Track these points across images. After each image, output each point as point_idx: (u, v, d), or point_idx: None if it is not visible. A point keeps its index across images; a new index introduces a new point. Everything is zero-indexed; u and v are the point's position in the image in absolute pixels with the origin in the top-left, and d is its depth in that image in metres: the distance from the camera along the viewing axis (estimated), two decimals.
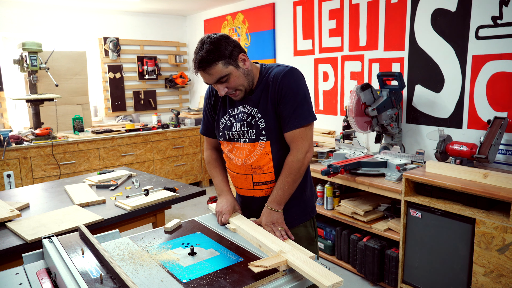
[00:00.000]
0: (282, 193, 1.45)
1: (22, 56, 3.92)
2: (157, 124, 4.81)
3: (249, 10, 4.48)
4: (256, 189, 1.54)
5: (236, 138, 1.52)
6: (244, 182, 1.56)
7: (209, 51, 1.34)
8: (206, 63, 1.34)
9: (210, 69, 1.35)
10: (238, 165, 1.54)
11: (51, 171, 3.90)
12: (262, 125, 1.46)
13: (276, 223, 1.43)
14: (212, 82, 1.40)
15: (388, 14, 3.07)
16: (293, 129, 1.42)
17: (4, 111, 4.29)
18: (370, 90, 2.86)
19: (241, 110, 1.50)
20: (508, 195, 1.95)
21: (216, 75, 1.37)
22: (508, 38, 2.41)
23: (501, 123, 2.36)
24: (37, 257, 1.30)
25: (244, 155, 1.51)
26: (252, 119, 1.47)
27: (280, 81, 1.43)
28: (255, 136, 1.47)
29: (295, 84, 1.43)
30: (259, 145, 1.48)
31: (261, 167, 1.50)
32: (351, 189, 3.14)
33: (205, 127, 1.68)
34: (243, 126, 1.49)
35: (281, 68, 1.46)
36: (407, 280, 2.46)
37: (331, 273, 1.10)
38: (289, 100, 1.42)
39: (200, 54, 1.35)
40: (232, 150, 1.55)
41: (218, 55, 1.35)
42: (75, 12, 4.66)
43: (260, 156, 1.49)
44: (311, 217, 1.59)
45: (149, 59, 5.23)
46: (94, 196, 2.14)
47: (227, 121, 1.54)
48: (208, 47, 1.34)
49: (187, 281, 1.09)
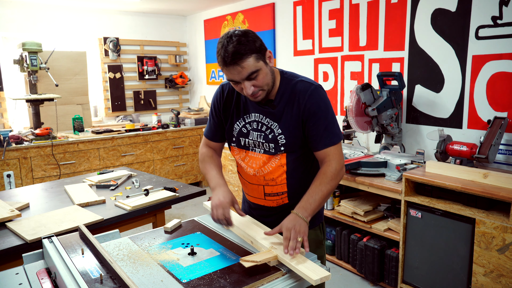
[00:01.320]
0: (313, 201, 1.34)
1: (22, 56, 3.92)
2: (157, 124, 4.81)
3: (249, 10, 4.48)
4: (267, 200, 1.50)
5: (251, 147, 1.46)
6: (255, 192, 1.52)
7: (241, 43, 1.24)
8: (239, 55, 1.24)
9: (243, 62, 1.25)
10: (250, 175, 1.49)
11: (51, 171, 3.90)
12: (282, 141, 1.40)
13: (297, 230, 1.26)
14: (241, 78, 1.28)
15: (388, 14, 3.07)
16: (327, 147, 1.38)
17: (4, 111, 4.29)
18: (370, 90, 2.86)
19: (257, 119, 1.43)
20: (508, 195, 1.95)
21: (248, 69, 1.26)
22: (508, 38, 2.41)
23: (501, 123, 2.36)
24: (37, 257, 1.29)
25: (258, 165, 1.45)
26: (271, 132, 1.41)
27: (309, 98, 1.36)
28: (273, 151, 1.42)
29: (323, 103, 1.39)
30: (275, 157, 1.43)
31: (274, 179, 1.45)
32: (351, 189, 3.14)
33: (210, 130, 1.60)
34: (259, 136, 1.43)
35: (307, 84, 1.39)
36: (407, 280, 2.46)
37: (319, 267, 1.11)
38: (320, 118, 1.37)
39: (232, 46, 1.23)
40: (244, 159, 1.49)
41: (251, 48, 1.25)
42: (75, 12, 4.66)
43: (275, 168, 1.44)
44: (320, 222, 1.57)
45: (149, 59, 5.23)
46: (94, 196, 2.14)
47: (241, 128, 1.47)
48: (239, 39, 1.24)
49: (187, 281, 1.09)
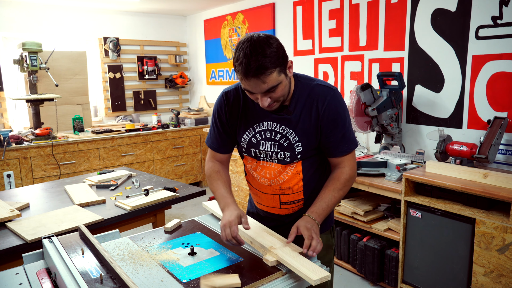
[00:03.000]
0: (326, 206, 1.32)
1: (22, 56, 3.92)
2: (157, 124, 4.81)
3: (249, 10, 4.48)
4: (282, 208, 1.45)
5: (262, 157, 1.40)
6: (270, 202, 1.45)
7: (266, 55, 1.15)
8: (263, 70, 1.15)
9: (266, 77, 1.16)
10: (264, 185, 1.43)
11: (51, 171, 3.90)
12: (298, 149, 1.34)
13: (316, 232, 1.25)
14: (260, 92, 1.21)
15: (388, 14, 3.07)
16: (344, 155, 1.36)
17: (4, 111, 4.29)
18: (370, 90, 2.86)
19: (270, 128, 1.36)
20: (508, 195, 1.95)
21: (269, 84, 1.18)
22: (508, 38, 2.41)
23: (501, 123, 2.36)
24: (37, 257, 1.29)
25: (272, 175, 1.40)
26: (286, 140, 1.34)
27: (329, 104, 1.31)
28: (289, 160, 1.36)
29: (342, 109, 1.33)
30: (291, 166, 1.37)
31: (290, 187, 1.40)
32: (351, 189, 3.13)
33: (215, 141, 1.48)
34: (273, 146, 1.36)
35: (325, 88, 1.33)
36: (407, 280, 2.46)
37: (319, 268, 1.11)
38: (338, 125, 1.32)
39: (256, 58, 1.14)
40: (256, 169, 1.43)
41: (275, 62, 1.17)
42: (75, 12, 4.66)
43: (291, 177, 1.39)
44: (331, 226, 1.55)
45: (149, 59, 5.23)
46: (94, 196, 2.14)
47: (251, 138, 1.39)
48: (264, 50, 1.15)
49: (187, 281, 1.09)
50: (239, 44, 1.19)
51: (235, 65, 1.20)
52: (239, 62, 1.17)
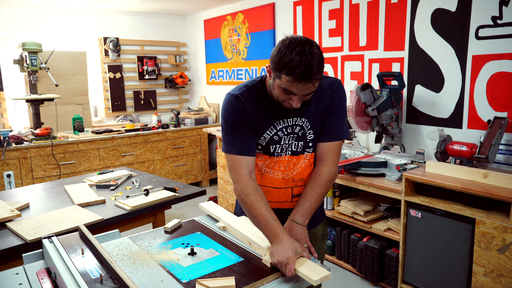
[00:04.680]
0: (310, 205, 1.35)
1: (22, 56, 3.92)
2: (157, 124, 4.81)
3: (249, 10, 4.48)
4: (293, 201, 1.47)
5: (277, 152, 1.41)
6: (282, 196, 1.47)
7: (320, 62, 1.18)
8: (318, 75, 1.18)
9: (317, 82, 1.20)
10: (278, 179, 1.44)
11: (51, 171, 3.90)
12: (310, 137, 1.41)
13: (299, 238, 1.28)
14: (302, 94, 1.23)
15: (388, 14, 3.07)
16: (332, 141, 1.40)
17: (4, 111, 4.29)
18: (370, 90, 2.86)
19: (291, 123, 1.39)
20: (508, 195, 1.95)
21: (314, 89, 1.22)
22: (508, 38, 2.41)
23: (501, 123, 2.36)
24: (37, 257, 1.30)
25: (286, 168, 1.43)
26: (301, 130, 1.39)
27: (336, 91, 1.39)
28: (301, 149, 1.41)
29: (344, 98, 1.43)
30: (304, 157, 1.42)
31: (303, 179, 1.45)
32: (351, 189, 3.14)
33: (246, 145, 1.36)
34: (292, 138, 1.40)
35: (332, 79, 1.42)
36: (407, 280, 2.46)
37: (318, 267, 1.12)
38: (337, 110, 1.40)
39: (315, 62, 1.16)
40: (269, 164, 1.44)
41: (323, 68, 1.20)
42: (75, 12, 4.66)
43: (304, 168, 1.44)
44: (324, 218, 1.61)
45: (149, 59, 5.23)
46: (94, 196, 2.14)
47: (273, 136, 1.39)
48: (320, 56, 1.18)
49: (187, 281, 1.09)
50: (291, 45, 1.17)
51: (286, 67, 1.17)
52: (294, 65, 1.15)
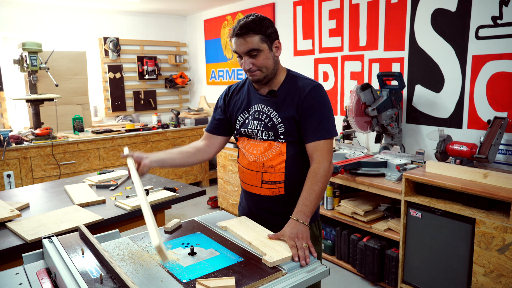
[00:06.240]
0: (309, 203, 1.38)
1: (22, 56, 3.92)
2: (157, 124, 4.82)
3: (249, 10, 4.48)
4: (264, 188, 1.55)
5: (252, 135, 1.55)
6: (253, 179, 1.56)
7: (254, 21, 1.40)
8: (247, 30, 1.39)
9: (248, 37, 1.40)
10: (250, 161, 1.55)
11: (51, 171, 3.90)
12: (281, 130, 1.49)
13: (300, 237, 1.30)
14: (242, 51, 1.42)
15: (388, 14, 3.07)
16: (318, 140, 1.44)
17: (4, 111, 4.29)
18: (370, 90, 2.86)
19: (259, 109, 1.53)
20: (508, 195, 1.95)
21: (250, 45, 1.41)
22: (508, 38, 2.41)
23: (501, 123, 2.36)
24: (37, 257, 1.29)
25: (259, 152, 1.53)
26: (270, 121, 1.50)
27: (309, 92, 1.47)
28: (273, 138, 1.50)
29: (322, 99, 1.48)
30: (275, 145, 1.50)
31: (273, 166, 1.51)
32: (351, 189, 3.14)
33: (211, 125, 1.69)
34: (259, 125, 1.52)
35: (309, 81, 1.51)
36: (407, 280, 2.46)
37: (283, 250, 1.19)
38: (316, 112, 1.45)
39: (245, 20, 1.41)
40: (246, 146, 1.58)
41: (260, 29, 1.41)
42: (75, 12, 4.66)
43: (274, 156, 1.51)
44: (316, 219, 1.60)
45: (149, 59, 5.23)
46: (94, 196, 2.14)
47: (245, 119, 1.57)
48: (254, 19, 1.41)
49: (187, 281, 1.09)
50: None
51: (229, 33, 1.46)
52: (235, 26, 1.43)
